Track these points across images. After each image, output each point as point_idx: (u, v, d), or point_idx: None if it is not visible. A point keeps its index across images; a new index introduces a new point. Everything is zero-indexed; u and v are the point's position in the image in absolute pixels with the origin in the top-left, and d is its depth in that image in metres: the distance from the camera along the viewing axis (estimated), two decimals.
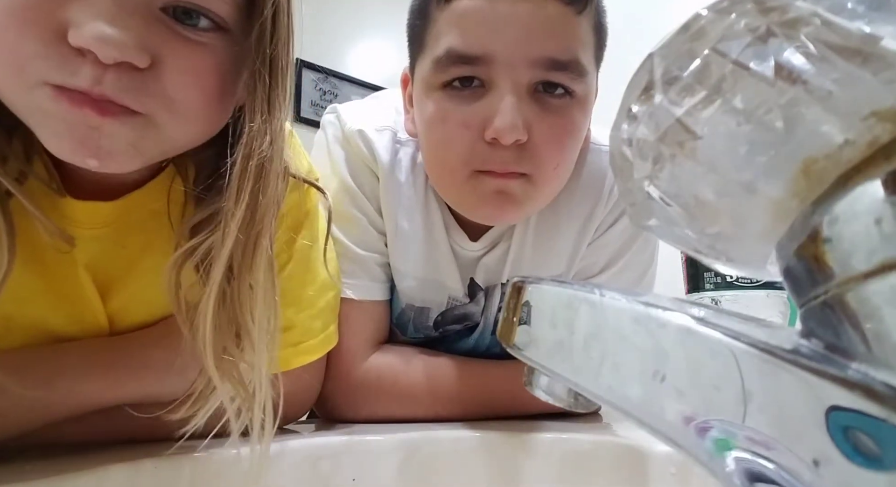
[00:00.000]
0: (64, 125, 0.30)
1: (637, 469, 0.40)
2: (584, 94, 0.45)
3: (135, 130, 0.32)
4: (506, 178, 0.44)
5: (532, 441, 0.44)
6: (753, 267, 0.17)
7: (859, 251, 0.12)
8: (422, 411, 0.51)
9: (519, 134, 0.42)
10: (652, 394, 0.15)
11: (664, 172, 0.16)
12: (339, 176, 0.53)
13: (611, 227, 0.56)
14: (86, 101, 0.30)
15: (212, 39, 0.33)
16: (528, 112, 0.42)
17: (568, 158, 0.47)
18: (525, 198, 0.46)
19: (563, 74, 0.43)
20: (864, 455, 0.10)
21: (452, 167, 0.46)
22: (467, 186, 0.45)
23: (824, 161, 0.13)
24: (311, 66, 2.02)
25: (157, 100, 0.32)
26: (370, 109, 0.57)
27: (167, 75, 0.32)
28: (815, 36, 0.12)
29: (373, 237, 0.54)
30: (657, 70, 0.15)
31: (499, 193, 0.45)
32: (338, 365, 0.53)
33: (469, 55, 0.42)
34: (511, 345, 0.22)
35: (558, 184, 0.49)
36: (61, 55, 0.29)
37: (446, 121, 0.45)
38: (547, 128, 0.43)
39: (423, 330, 0.59)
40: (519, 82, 0.42)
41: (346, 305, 0.53)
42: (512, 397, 0.52)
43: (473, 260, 0.56)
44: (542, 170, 0.45)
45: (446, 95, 0.44)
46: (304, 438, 0.41)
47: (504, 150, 0.43)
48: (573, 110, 0.45)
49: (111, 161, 0.32)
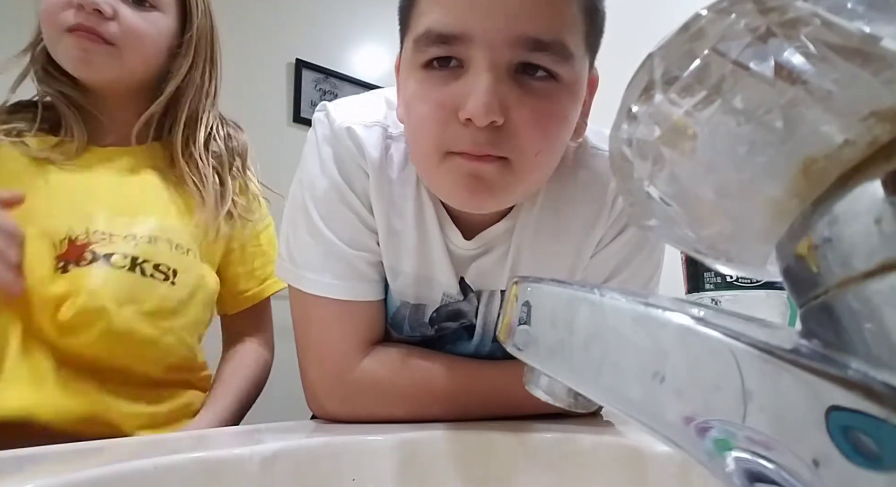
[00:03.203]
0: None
1: (637, 469, 0.40)
2: (570, 79, 0.43)
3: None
4: (480, 161, 0.42)
5: (532, 441, 0.44)
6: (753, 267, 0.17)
7: (859, 251, 0.12)
8: (420, 411, 0.51)
9: (494, 115, 0.40)
10: (652, 394, 0.15)
11: (664, 172, 0.16)
12: (329, 174, 0.53)
13: (614, 240, 0.55)
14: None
15: (157, 19, 0.70)
16: (506, 94, 0.41)
17: (552, 145, 0.45)
18: (501, 184, 0.44)
19: (545, 56, 0.41)
20: (864, 455, 0.10)
21: (427, 148, 0.44)
22: (442, 169, 0.44)
23: (824, 161, 0.13)
24: (311, 66, 2.02)
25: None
26: (360, 105, 0.56)
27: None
28: (815, 36, 0.12)
29: (364, 235, 0.54)
30: (657, 70, 0.15)
31: (472, 177, 0.43)
32: (333, 366, 0.53)
33: (447, 34, 0.41)
34: (511, 345, 0.22)
35: (540, 173, 0.47)
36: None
37: (424, 101, 0.43)
38: (527, 111, 0.42)
39: (419, 328, 0.59)
40: (497, 62, 0.41)
41: (338, 306, 0.53)
42: (511, 397, 0.52)
43: (467, 259, 0.56)
44: (521, 155, 0.43)
45: (425, 75, 0.43)
46: (304, 438, 0.41)
47: (478, 132, 0.41)
48: (558, 95, 0.43)
49: None
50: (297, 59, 1.98)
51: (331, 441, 0.41)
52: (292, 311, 0.56)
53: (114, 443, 0.40)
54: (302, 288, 0.53)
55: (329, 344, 0.53)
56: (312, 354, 0.54)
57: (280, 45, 1.93)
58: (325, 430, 0.46)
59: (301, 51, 1.99)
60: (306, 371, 0.55)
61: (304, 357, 0.54)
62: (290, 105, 1.97)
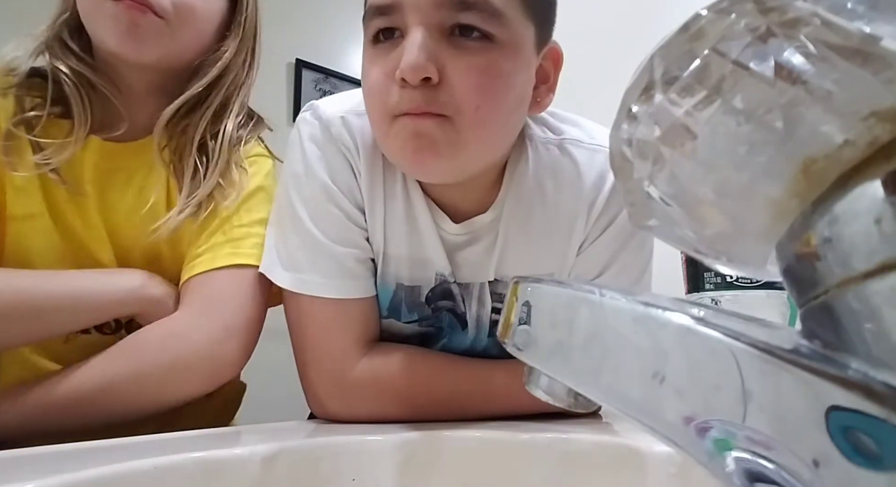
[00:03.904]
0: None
1: (637, 469, 0.40)
2: (507, 40, 0.44)
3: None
4: (420, 118, 0.43)
5: (532, 441, 0.44)
6: (753, 267, 0.17)
7: (859, 251, 0.12)
8: (420, 411, 0.51)
9: (425, 71, 0.41)
10: (652, 394, 0.15)
11: (664, 172, 0.16)
12: (315, 174, 0.53)
13: (602, 235, 0.55)
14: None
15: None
16: (440, 53, 0.42)
17: (493, 102, 0.45)
18: (446, 142, 0.44)
19: (473, 15, 0.42)
20: (864, 455, 0.10)
21: (377, 116, 0.46)
22: (390, 134, 0.45)
23: (824, 161, 0.13)
24: (311, 66, 2.02)
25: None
26: (351, 95, 0.57)
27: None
28: (815, 36, 0.12)
29: (353, 232, 0.54)
30: (657, 70, 0.15)
31: (415, 136, 0.44)
32: (331, 365, 0.53)
33: (382, 5, 0.43)
34: (511, 345, 0.22)
35: (485, 131, 0.46)
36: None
37: (371, 72, 0.45)
38: (462, 66, 0.43)
39: (416, 309, 0.59)
40: (429, 24, 0.42)
41: (331, 305, 0.53)
42: (511, 397, 0.52)
43: (456, 246, 0.56)
44: (460, 112, 0.44)
45: (373, 50, 0.46)
46: (304, 438, 0.41)
47: (414, 91, 0.42)
48: (494, 54, 0.44)
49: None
50: (297, 59, 1.98)
51: (331, 441, 0.41)
52: (286, 313, 0.56)
53: (114, 443, 0.40)
54: (293, 288, 0.53)
55: (326, 343, 0.53)
56: (310, 355, 0.54)
57: (280, 45, 1.93)
58: (325, 430, 0.46)
59: (301, 51, 1.99)
60: (305, 371, 0.55)
61: (302, 358, 0.54)
62: (290, 105, 1.97)
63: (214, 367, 0.55)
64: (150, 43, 0.57)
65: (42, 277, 0.54)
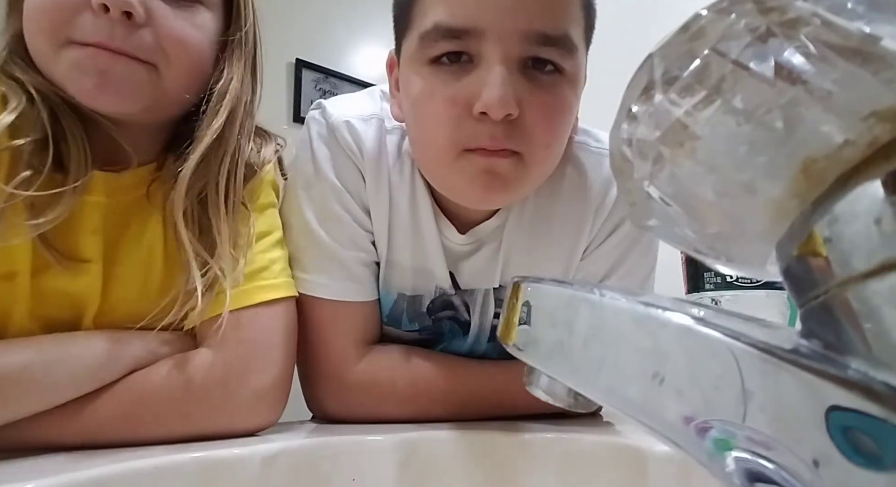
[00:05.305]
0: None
1: (637, 469, 0.40)
2: (573, 72, 0.44)
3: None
4: (496, 156, 0.42)
5: (532, 441, 0.44)
6: (753, 267, 0.17)
7: (859, 251, 0.12)
8: (420, 411, 0.51)
9: (510, 108, 0.40)
10: (652, 394, 0.15)
11: (664, 172, 0.16)
12: (324, 175, 0.53)
13: (608, 238, 0.55)
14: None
15: (206, 20, 0.48)
16: (518, 87, 0.41)
17: (559, 138, 0.46)
18: (514, 178, 0.44)
19: (554, 50, 0.42)
20: (864, 455, 0.10)
21: (440, 147, 0.44)
22: (455, 167, 0.44)
23: (824, 161, 0.13)
24: (311, 65, 2.02)
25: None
26: (357, 100, 0.56)
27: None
28: (815, 36, 0.12)
29: (359, 235, 0.54)
30: (657, 70, 0.15)
31: (488, 173, 0.43)
32: (331, 366, 0.53)
33: (457, 28, 0.41)
34: (511, 345, 0.22)
35: (548, 166, 0.47)
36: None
37: (433, 97, 0.43)
38: (538, 104, 0.42)
39: (417, 318, 0.59)
40: (509, 56, 0.41)
41: (332, 307, 0.53)
42: (511, 397, 0.52)
43: (460, 255, 0.56)
44: (533, 149, 0.43)
45: (434, 71, 0.43)
46: (304, 438, 0.41)
47: (494, 126, 0.41)
48: (564, 88, 0.44)
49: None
50: (297, 58, 1.98)
51: (331, 441, 0.41)
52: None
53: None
54: (296, 288, 0.53)
55: (326, 344, 0.53)
56: (310, 355, 0.54)
57: (280, 45, 1.93)
58: (325, 430, 0.46)
59: (301, 51, 1.99)
60: (305, 372, 0.55)
61: (302, 358, 0.54)
62: (290, 105, 1.97)
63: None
64: (128, 93, 0.44)
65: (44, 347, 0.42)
